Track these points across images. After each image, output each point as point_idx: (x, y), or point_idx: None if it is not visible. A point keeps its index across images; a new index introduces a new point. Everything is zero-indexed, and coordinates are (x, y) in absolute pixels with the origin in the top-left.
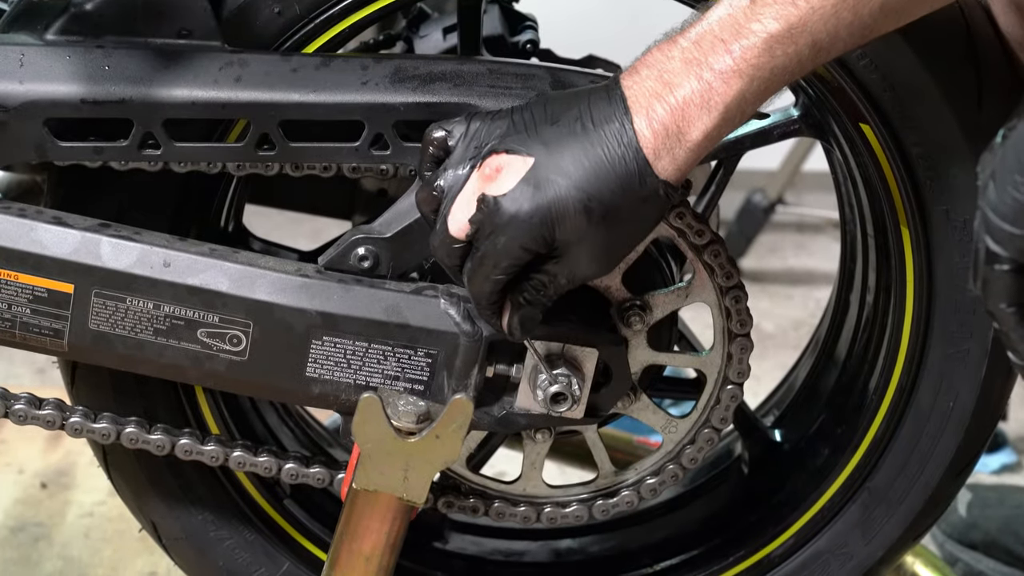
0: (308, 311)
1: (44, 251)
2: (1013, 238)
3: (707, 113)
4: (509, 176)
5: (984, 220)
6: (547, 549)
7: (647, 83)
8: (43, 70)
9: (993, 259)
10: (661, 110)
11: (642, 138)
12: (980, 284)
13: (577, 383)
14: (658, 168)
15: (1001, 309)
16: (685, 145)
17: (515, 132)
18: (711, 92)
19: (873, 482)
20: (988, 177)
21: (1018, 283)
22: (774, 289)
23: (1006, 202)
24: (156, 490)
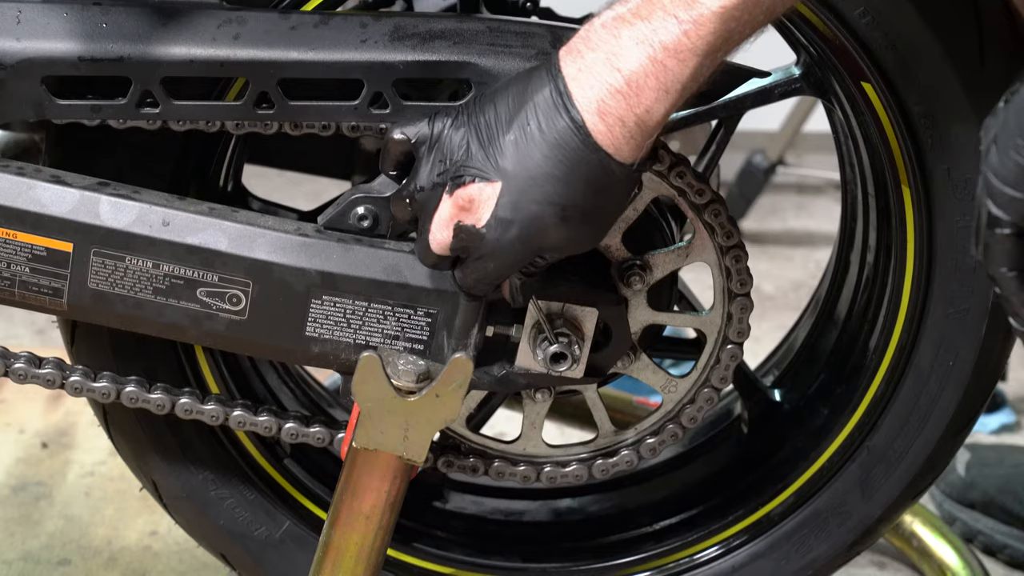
0: (308, 270)
1: (43, 210)
2: (1014, 202)
3: (664, 95)
4: (483, 207)
5: (986, 184)
6: (547, 509)
7: (596, 70)
8: (40, 27)
9: (995, 223)
10: (615, 103)
11: (600, 136)
12: (982, 248)
13: (577, 343)
14: (622, 157)
15: (1002, 273)
16: (645, 131)
17: (478, 152)
18: (666, 73)
19: (872, 441)
20: (990, 141)
21: (1019, 247)
22: (774, 250)
23: (1007, 166)
24: (156, 449)
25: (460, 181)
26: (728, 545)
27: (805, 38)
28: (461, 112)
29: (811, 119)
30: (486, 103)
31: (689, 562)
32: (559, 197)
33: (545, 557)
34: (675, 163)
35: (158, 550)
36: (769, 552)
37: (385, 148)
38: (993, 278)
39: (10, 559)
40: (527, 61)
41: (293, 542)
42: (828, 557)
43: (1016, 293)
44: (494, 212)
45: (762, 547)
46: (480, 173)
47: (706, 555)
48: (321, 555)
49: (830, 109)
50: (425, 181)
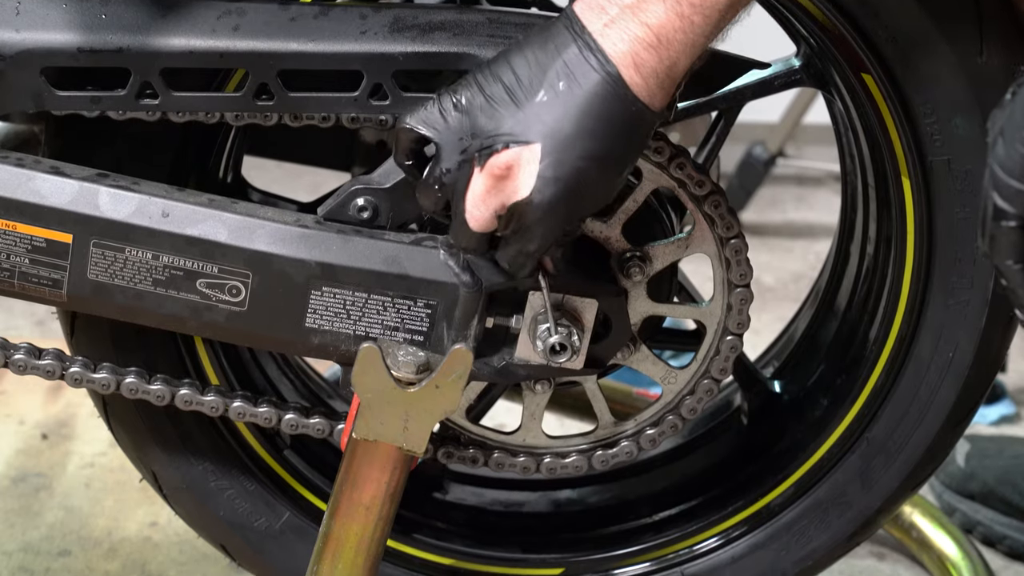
0: (307, 261)
1: (42, 201)
2: (1020, 194)
3: (691, 49)
4: (525, 172)
5: (992, 176)
6: (546, 499)
7: (624, 24)
8: (40, 18)
9: (1000, 215)
10: (648, 56)
11: (637, 88)
12: (987, 240)
13: (577, 334)
14: (655, 105)
15: (1008, 265)
16: (674, 80)
17: (507, 118)
18: (692, 28)
19: (872, 432)
20: (997, 133)
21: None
22: (774, 242)
23: (1013, 158)
24: (156, 440)
25: (491, 150)
26: (728, 536)
27: (805, 29)
28: (470, 84)
29: (811, 111)
30: (500, 68)
31: (689, 553)
32: (600, 150)
33: (545, 548)
34: (675, 154)
35: (158, 541)
36: (769, 543)
37: (396, 140)
38: (999, 270)
39: (10, 550)
40: None
41: (293, 533)
42: (828, 548)
43: (1022, 285)
44: (539, 174)
45: (762, 538)
46: (513, 138)
47: (706, 546)
48: (321, 546)
49: (830, 100)
50: (450, 162)
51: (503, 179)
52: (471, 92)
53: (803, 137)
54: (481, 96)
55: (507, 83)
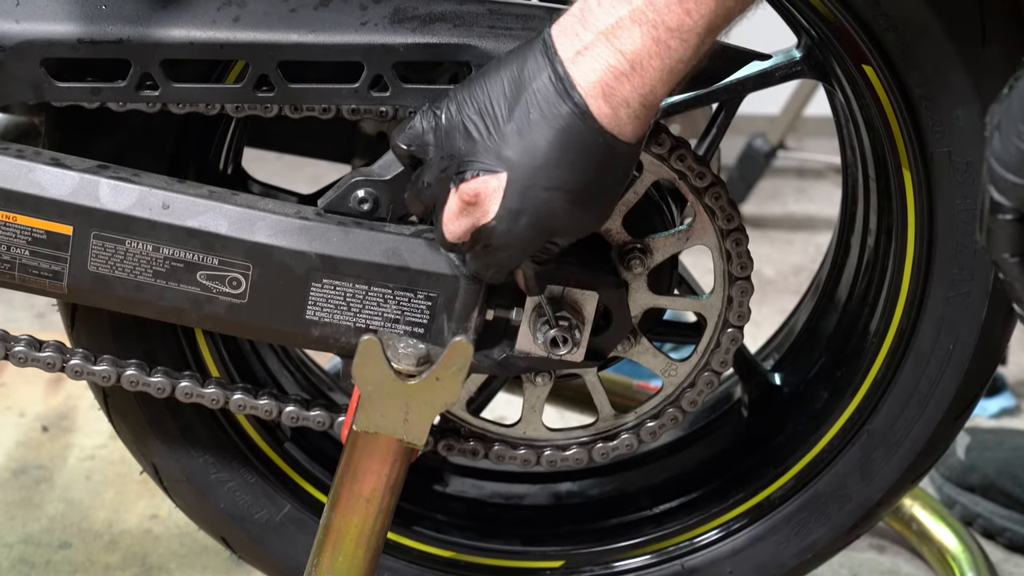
0: (308, 253)
1: (42, 192)
2: (1016, 188)
3: (668, 75)
4: (491, 200)
5: (989, 170)
6: (547, 492)
7: (597, 51)
8: (39, 9)
9: (997, 209)
10: (619, 85)
11: (605, 119)
12: (985, 234)
13: (577, 326)
14: (627, 137)
15: (1005, 259)
16: (649, 109)
17: (479, 144)
18: (670, 54)
19: (872, 425)
20: (994, 127)
21: (1021, 232)
22: (774, 234)
23: (1010, 151)
24: (157, 432)
25: (463, 176)
26: (728, 528)
27: (806, 20)
28: (451, 103)
29: (812, 102)
30: (477, 91)
31: (689, 545)
32: (567, 182)
33: (545, 540)
34: (676, 146)
35: (159, 533)
36: (769, 535)
37: (395, 153)
38: (996, 264)
39: (11, 542)
40: None
41: (294, 525)
42: (828, 540)
43: (1019, 278)
44: (503, 203)
45: (762, 530)
46: (484, 166)
47: (706, 538)
48: (321, 538)
49: (831, 92)
50: (431, 177)
51: (472, 204)
52: (450, 113)
53: (804, 129)
54: (459, 117)
55: (482, 107)
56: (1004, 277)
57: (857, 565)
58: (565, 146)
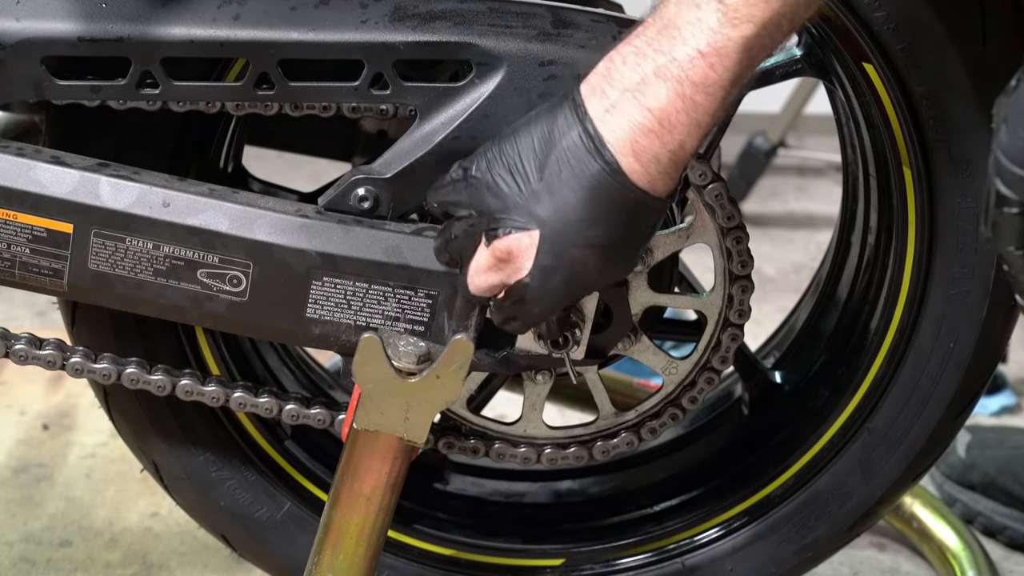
0: (308, 251)
1: (43, 190)
2: (1022, 180)
3: (696, 128)
4: (523, 257)
5: (995, 163)
6: (547, 490)
7: (624, 109)
8: (40, 7)
9: (1003, 202)
10: (648, 142)
11: (636, 176)
12: (990, 227)
13: (577, 324)
14: (659, 192)
15: (1010, 252)
16: (679, 164)
17: (510, 203)
18: (696, 108)
19: (873, 423)
20: (1001, 120)
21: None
22: (775, 232)
23: (1016, 145)
24: (157, 430)
25: (495, 233)
26: (728, 526)
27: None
28: (481, 160)
29: (812, 100)
30: (507, 148)
31: (690, 543)
32: (599, 238)
33: (546, 538)
34: None
35: (159, 531)
36: (769, 533)
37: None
38: (1001, 256)
39: (11, 540)
40: (528, 41)
41: (294, 523)
42: (828, 538)
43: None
44: (536, 260)
45: (762, 528)
46: (516, 223)
47: (706, 536)
48: (322, 536)
49: (831, 90)
50: (459, 230)
51: (504, 261)
52: (481, 170)
53: (804, 127)
54: (489, 175)
55: (512, 164)
56: (1009, 270)
57: (857, 563)
58: (597, 203)
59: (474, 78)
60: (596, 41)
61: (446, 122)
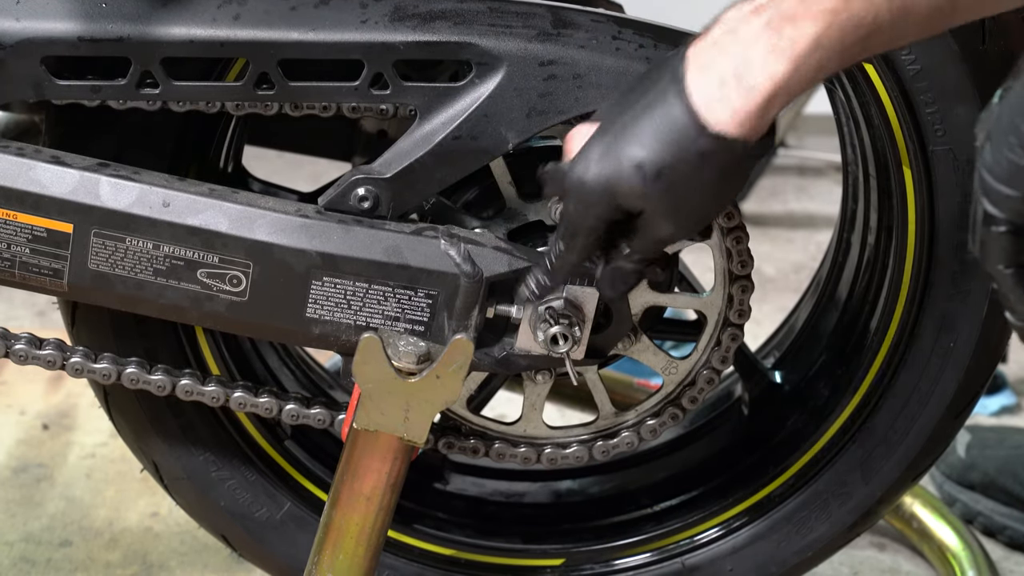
0: (308, 251)
1: (43, 190)
2: (1009, 199)
3: (774, 58)
4: (574, 141)
5: (981, 181)
6: (547, 490)
7: (710, 35)
8: (40, 7)
9: (990, 221)
10: (717, 58)
11: (693, 88)
12: (978, 246)
13: (577, 324)
14: (711, 120)
15: (999, 270)
16: (745, 92)
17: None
18: (779, 36)
19: (873, 422)
20: (985, 138)
21: (1015, 244)
22: (775, 232)
23: (1001, 163)
24: (157, 430)
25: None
26: (729, 526)
27: None
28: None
29: (812, 101)
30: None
31: (690, 543)
32: (639, 144)
33: (546, 538)
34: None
35: (159, 531)
36: (769, 533)
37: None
38: (991, 275)
39: (11, 540)
40: (528, 41)
41: (294, 523)
42: (828, 538)
43: (1013, 289)
44: (580, 151)
45: (762, 528)
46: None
47: (707, 536)
48: (322, 536)
49: (831, 90)
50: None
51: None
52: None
53: (804, 127)
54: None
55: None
56: (998, 288)
57: (858, 563)
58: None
59: (474, 78)
60: (596, 41)
61: (446, 122)
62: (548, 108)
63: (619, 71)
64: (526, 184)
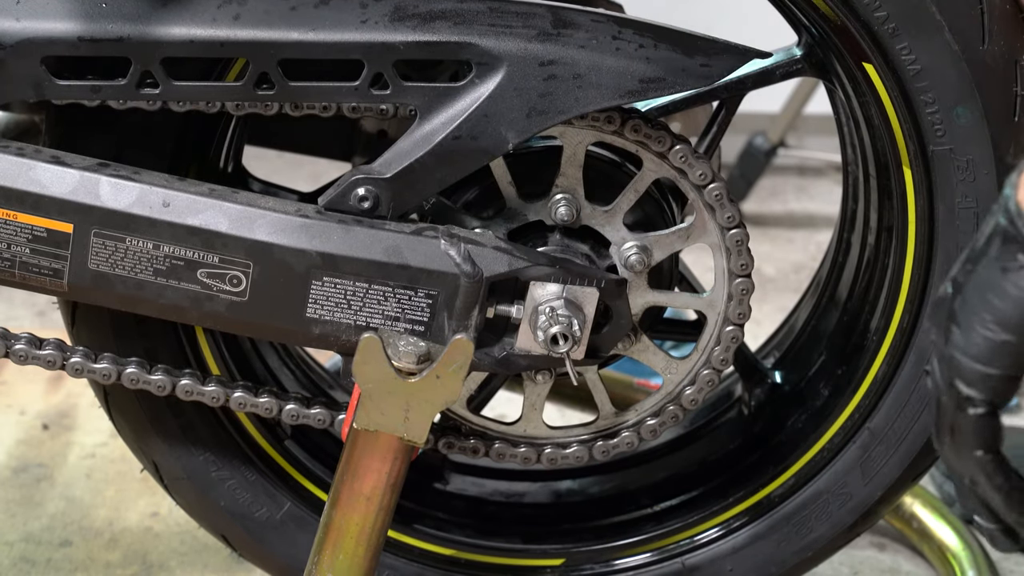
0: (308, 251)
1: (43, 190)
2: (988, 378)
3: None
4: None
5: (952, 367)
6: (547, 490)
7: None
8: (40, 7)
9: (966, 404)
10: None
11: None
12: (949, 436)
13: (578, 324)
14: None
15: (978, 457)
16: None
17: None
18: None
19: (873, 422)
20: (945, 327)
21: (992, 426)
22: (775, 232)
23: (976, 343)
24: (157, 430)
25: None
26: (729, 526)
27: (806, 18)
28: None
29: (812, 100)
30: None
31: (690, 543)
32: None
33: (546, 538)
34: (676, 144)
35: (159, 531)
36: (769, 533)
37: None
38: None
39: (11, 540)
40: (528, 41)
41: (294, 523)
42: (828, 538)
43: (994, 476)
44: None
45: (763, 528)
46: None
47: (707, 536)
48: (322, 536)
49: (831, 90)
50: None
51: None
52: None
53: (804, 127)
54: None
55: None
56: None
57: (858, 563)
58: None
59: (474, 78)
60: (596, 41)
61: (446, 122)
62: (548, 108)
63: (619, 71)
64: (526, 184)
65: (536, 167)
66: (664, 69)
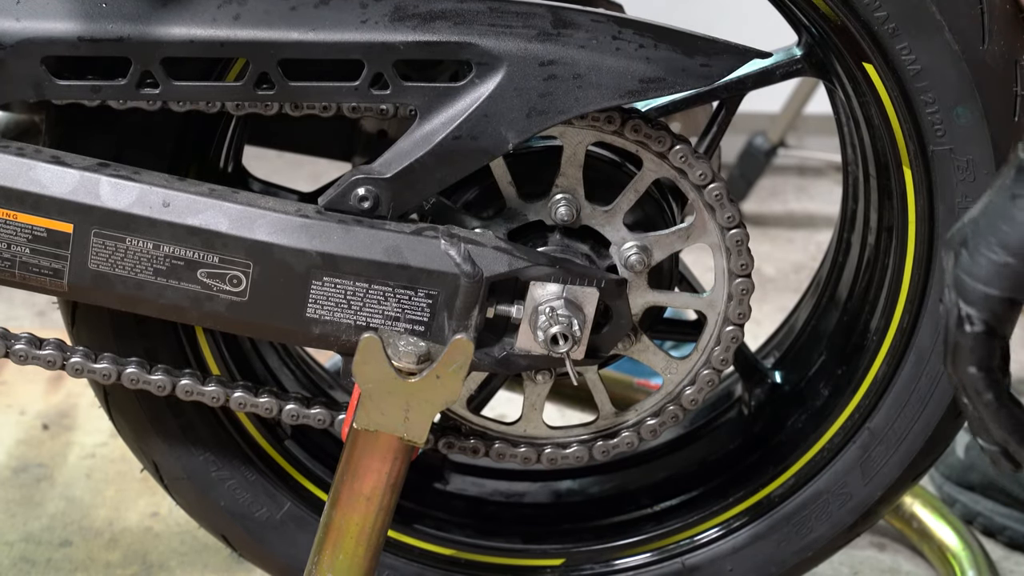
0: (308, 251)
1: (43, 190)
2: (987, 299)
3: None
4: None
5: (958, 285)
6: (547, 490)
7: None
8: (40, 7)
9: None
10: None
11: None
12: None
13: (578, 324)
14: None
15: (970, 372)
16: None
17: None
18: None
19: (873, 423)
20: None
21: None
22: (775, 232)
23: (980, 264)
24: (157, 430)
25: None
26: (729, 526)
27: (806, 18)
28: None
29: (812, 100)
30: None
31: (690, 543)
32: None
33: (546, 538)
34: (676, 144)
35: (159, 531)
36: (769, 533)
37: None
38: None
39: (11, 540)
40: (528, 41)
41: (294, 523)
42: (828, 538)
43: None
44: None
45: (762, 528)
46: None
47: (707, 536)
48: (322, 536)
49: (831, 90)
50: None
51: None
52: None
53: (804, 127)
54: None
55: None
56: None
57: (858, 563)
58: None
59: (474, 78)
60: (596, 41)
61: (446, 122)
62: (548, 108)
63: (619, 71)
64: (526, 184)
65: (536, 167)
66: (664, 69)
